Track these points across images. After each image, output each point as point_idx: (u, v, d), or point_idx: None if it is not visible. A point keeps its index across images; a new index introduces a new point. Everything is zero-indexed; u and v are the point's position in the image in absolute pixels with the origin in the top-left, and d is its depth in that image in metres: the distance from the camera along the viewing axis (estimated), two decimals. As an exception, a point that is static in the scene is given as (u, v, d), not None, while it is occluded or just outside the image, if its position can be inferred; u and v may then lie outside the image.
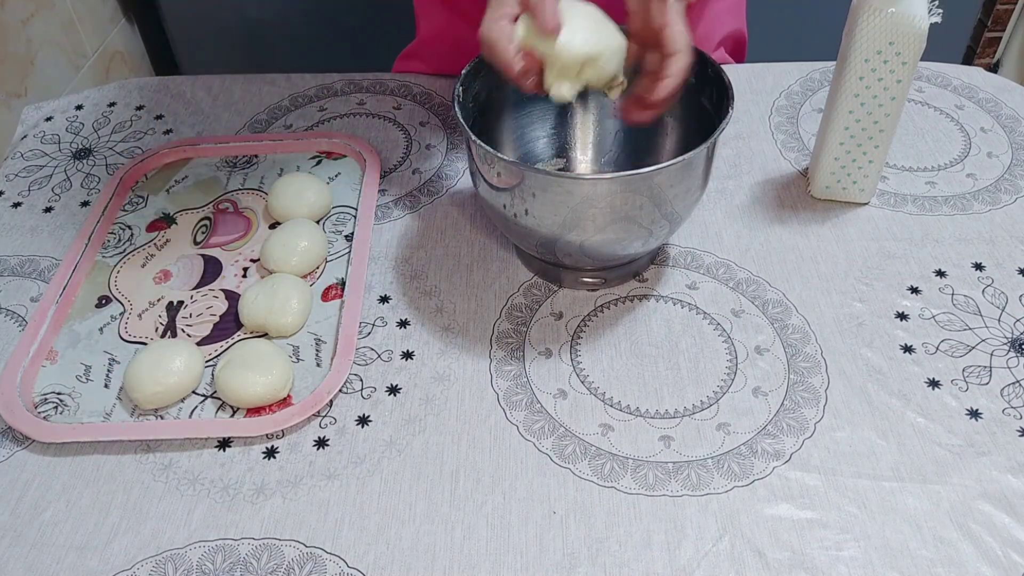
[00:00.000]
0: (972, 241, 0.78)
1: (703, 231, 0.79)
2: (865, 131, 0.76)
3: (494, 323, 0.72)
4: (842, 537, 0.58)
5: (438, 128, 0.91)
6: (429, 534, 0.58)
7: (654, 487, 0.61)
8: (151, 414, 0.66)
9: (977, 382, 0.67)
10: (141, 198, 0.84)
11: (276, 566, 0.57)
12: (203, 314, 0.73)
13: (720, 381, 0.67)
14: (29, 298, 0.75)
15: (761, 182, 0.84)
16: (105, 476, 0.62)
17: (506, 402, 0.66)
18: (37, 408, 0.66)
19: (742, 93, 0.94)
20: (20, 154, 0.91)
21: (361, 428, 0.65)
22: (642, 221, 0.66)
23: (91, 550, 0.58)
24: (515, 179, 0.65)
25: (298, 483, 0.62)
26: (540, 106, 0.79)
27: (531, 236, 0.68)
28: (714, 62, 0.70)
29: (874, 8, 0.69)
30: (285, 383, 0.66)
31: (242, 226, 0.81)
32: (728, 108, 0.66)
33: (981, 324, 0.71)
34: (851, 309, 0.72)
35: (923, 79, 0.95)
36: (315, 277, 0.76)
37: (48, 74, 1.08)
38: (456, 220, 0.81)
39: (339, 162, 0.87)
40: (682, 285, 0.74)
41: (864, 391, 0.66)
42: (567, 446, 0.63)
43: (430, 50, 0.98)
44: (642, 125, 0.68)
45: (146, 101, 0.96)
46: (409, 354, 0.70)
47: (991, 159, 0.86)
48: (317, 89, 0.97)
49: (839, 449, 0.63)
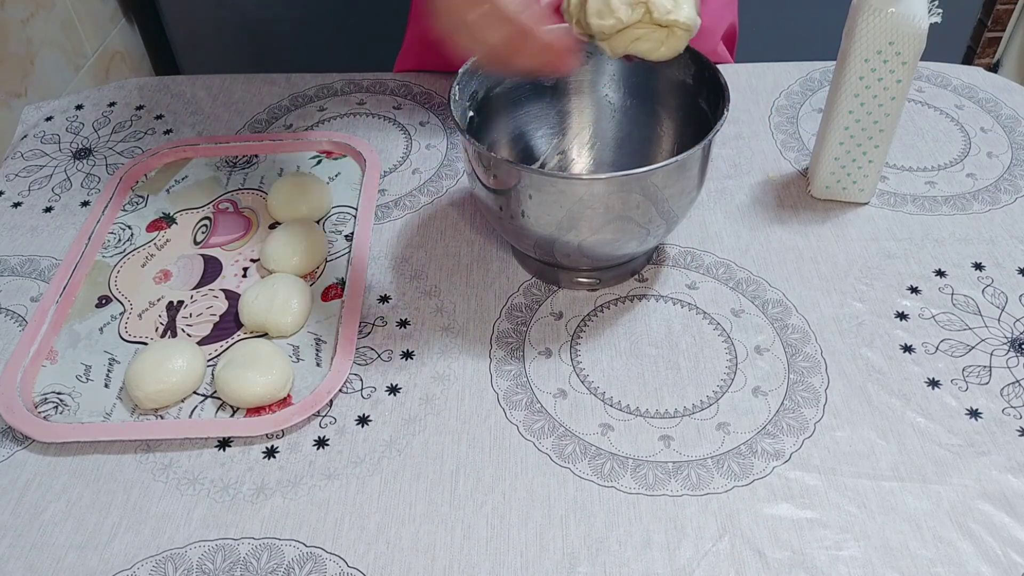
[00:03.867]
0: (972, 241, 0.78)
1: (703, 231, 0.79)
2: (865, 131, 0.76)
3: (494, 323, 0.72)
4: (842, 537, 0.58)
5: (438, 128, 0.91)
6: (429, 534, 0.58)
7: (654, 487, 0.61)
8: (151, 414, 0.66)
9: (977, 382, 0.67)
10: (141, 198, 0.84)
11: (276, 566, 0.57)
12: (203, 314, 0.73)
13: (720, 381, 0.67)
14: (29, 298, 0.75)
15: (761, 182, 0.84)
16: (105, 476, 0.62)
17: (506, 402, 0.66)
18: (37, 408, 0.66)
19: (742, 93, 0.94)
20: (20, 154, 0.91)
21: (361, 428, 0.65)
22: (639, 220, 0.66)
23: (91, 550, 0.58)
24: (511, 180, 0.65)
25: (298, 483, 0.62)
26: (537, 106, 0.79)
27: (528, 237, 0.68)
28: (711, 64, 0.70)
29: (874, 8, 0.69)
30: (285, 383, 0.66)
31: (242, 226, 0.81)
32: (724, 109, 0.66)
33: (981, 324, 0.71)
34: (851, 309, 0.72)
35: (923, 79, 0.95)
36: (315, 277, 0.76)
37: (48, 74, 1.08)
38: (456, 220, 0.81)
39: (339, 162, 0.87)
40: (682, 285, 0.74)
41: (864, 391, 0.66)
42: (567, 446, 0.63)
43: (430, 47, 0.98)
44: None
45: (146, 101, 0.96)
46: (409, 354, 0.70)
47: (991, 159, 0.86)
48: (317, 89, 0.97)
49: (839, 449, 0.63)
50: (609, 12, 0.60)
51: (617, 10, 0.59)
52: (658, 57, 0.62)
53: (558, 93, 0.79)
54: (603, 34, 0.61)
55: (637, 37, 0.61)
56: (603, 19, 0.60)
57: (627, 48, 0.62)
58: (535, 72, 0.64)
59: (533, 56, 0.61)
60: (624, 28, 0.60)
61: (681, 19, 0.60)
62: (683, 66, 0.72)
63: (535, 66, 0.62)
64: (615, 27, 0.60)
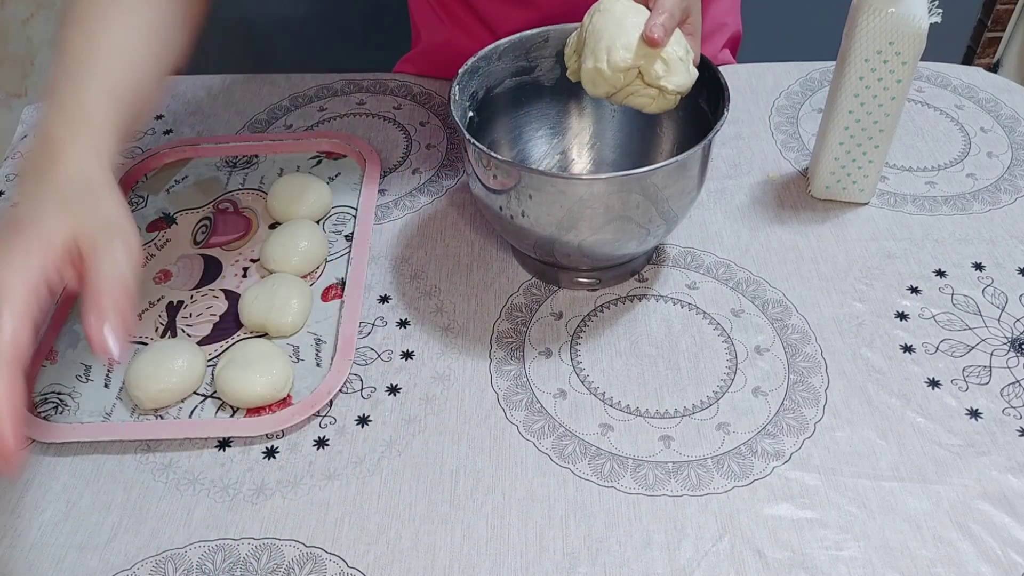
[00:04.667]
0: (972, 241, 0.78)
1: (703, 231, 0.79)
2: (865, 131, 0.76)
3: (494, 323, 0.72)
4: (842, 537, 0.58)
5: (438, 128, 0.91)
6: (429, 534, 0.58)
7: (654, 487, 0.61)
8: (151, 414, 0.66)
9: (977, 382, 0.67)
10: (141, 198, 0.84)
11: (276, 566, 0.57)
12: (203, 314, 0.73)
13: (720, 381, 0.67)
14: (29, 298, 0.75)
15: (761, 182, 0.84)
16: (105, 476, 0.62)
17: (506, 402, 0.66)
18: (37, 408, 0.66)
19: (742, 93, 0.94)
20: (20, 154, 0.90)
21: (361, 428, 0.65)
22: (639, 221, 0.66)
23: (91, 550, 0.58)
24: (511, 180, 0.65)
25: (298, 483, 0.62)
26: (538, 106, 0.79)
27: (528, 237, 0.68)
28: (711, 64, 0.70)
29: (874, 8, 0.69)
30: (285, 383, 0.66)
31: (242, 226, 0.81)
32: (724, 109, 0.66)
33: (981, 324, 0.71)
34: (851, 309, 0.72)
35: (923, 79, 0.95)
36: (315, 277, 0.76)
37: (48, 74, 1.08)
38: (456, 220, 0.81)
39: (339, 162, 0.87)
40: (682, 285, 0.74)
41: (864, 391, 0.66)
42: (567, 446, 0.63)
43: (429, 59, 0.98)
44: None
45: (146, 101, 0.96)
46: (409, 354, 0.70)
47: (991, 159, 0.86)
48: (317, 89, 0.97)
49: (839, 449, 0.63)
50: (603, 81, 0.64)
51: (609, 79, 0.63)
52: (650, 111, 0.66)
53: (558, 93, 0.79)
54: (598, 96, 0.66)
55: (631, 93, 0.65)
56: (596, 88, 0.65)
57: (624, 102, 0.66)
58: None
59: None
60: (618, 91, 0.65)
61: (670, 86, 0.64)
62: (683, 66, 0.72)
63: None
64: (608, 94, 0.65)
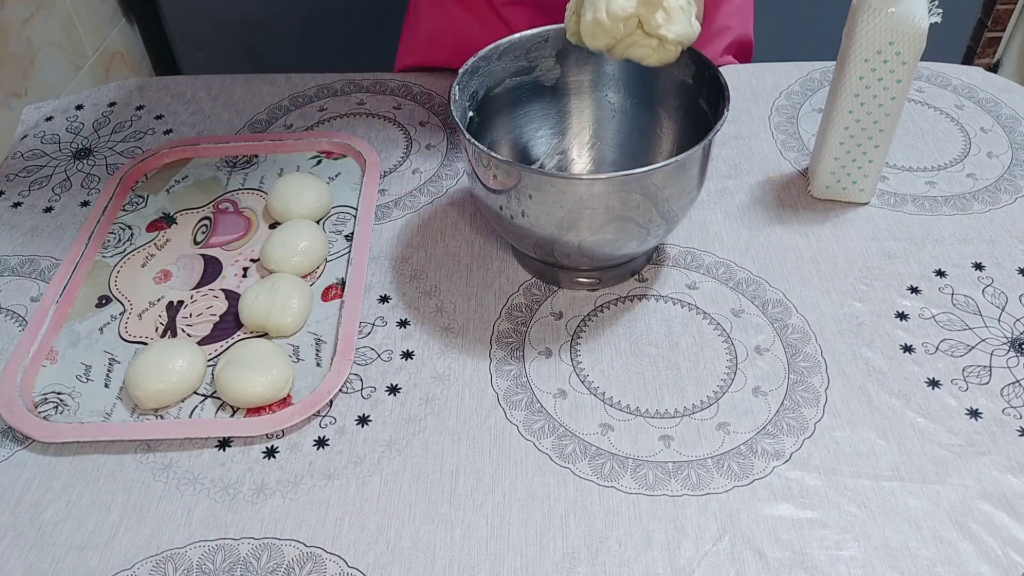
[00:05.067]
0: (972, 241, 0.78)
1: (703, 231, 0.79)
2: (865, 131, 0.76)
3: (494, 323, 0.72)
4: (842, 537, 0.58)
5: (438, 128, 0.91)
6: (429, 534, 0.58)
7: (654, 487, 0.61)
8: (151, 414, 0.66)
9: (977, 382, 0.67)
10: (141, 198, 0.84)
11: (276, 566, 0.57)
12: (203, 314, 0.73)
13: (720, 381, 0.67)
14: (29, 298, 0.75)
15: (761, 182, 0.84)
16: (105, 476, 0.62)
17: (506, 402, 0.66)
18: (37, 408, 0.66)
19: (742, 93, 0.94)
20: (20, 154, 0.91)
21: (361, 428, 0.65)
22: (639, 220, 0.66)
23: (91, 550, 0.58)
24: (511, 180, 0.65)
25: (298, 483, 0.62)
26: (537, 106, 0.79)
27: (528, 237, 0.68)
28: (711, 63, 0.70)
29: (874, 8, 0.69)
30: (285, 383, 0.66)
31: (242, 226, 0.81)
32: (724, 109, 0.66)
33: (981, 324, 0.71)
34: (851, 309, 0.72)
35: (923, 79, 0.95)
36: (315, 277, 0.76)
37: (48, 74, 1.08)
38: (456, 220, 0.81)
39: (339, 162, 0.87)
40: (682, 285, 0.74)
41: (864, 391, 0.66)
42: (567, 446, 0.63)
43: (430, 42, 0.98)
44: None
45: (146, 101, 0.96)
46: (409, 354, 0.70)
47: (991, 159, 0.86)
48: (317, 89, 0.97)
49: (839, 449, 0.63)
50: (602, 32, 0.64)
51: (609, 30, 0.63)
52: (651, 64, 0.66)
53: (558, 93, 0.79)
54: (599, 50, 0.65)
55: (631, 44, 0.64)
56: (596, 40, 0.64)
57: (624, 54, 0.65)
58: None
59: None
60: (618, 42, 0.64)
61: (671, 35, 0.63)
62: (683, 66, 0.72)
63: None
64: (608, 46, 0.65)
